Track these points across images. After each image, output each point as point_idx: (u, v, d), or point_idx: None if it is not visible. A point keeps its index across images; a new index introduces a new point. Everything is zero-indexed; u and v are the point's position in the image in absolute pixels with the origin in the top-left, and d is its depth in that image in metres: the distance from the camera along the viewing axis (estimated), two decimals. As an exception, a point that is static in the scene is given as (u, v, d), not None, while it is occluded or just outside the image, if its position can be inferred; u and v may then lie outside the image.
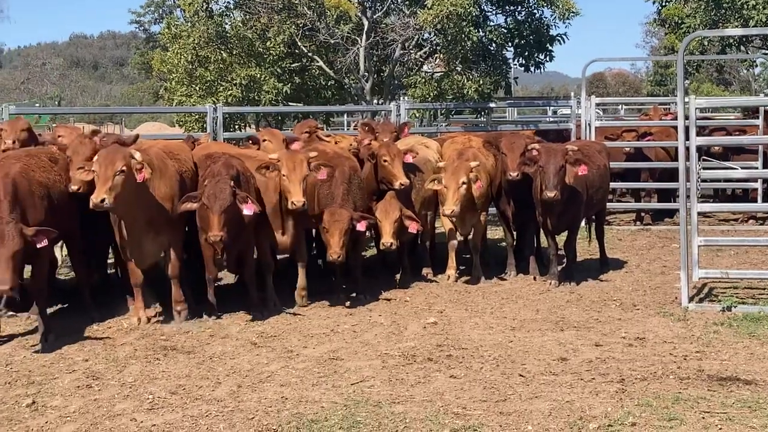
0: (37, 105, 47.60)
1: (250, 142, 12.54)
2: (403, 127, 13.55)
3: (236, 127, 18.36)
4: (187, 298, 10.16)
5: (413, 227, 11.22)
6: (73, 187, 9.81)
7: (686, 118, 10.50)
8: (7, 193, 8.86)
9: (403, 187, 11.40)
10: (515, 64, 18.54)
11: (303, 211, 10.38)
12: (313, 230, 11.62)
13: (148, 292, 10.33)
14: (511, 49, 18.05)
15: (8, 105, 14.96)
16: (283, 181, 10.20)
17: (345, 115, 25.19)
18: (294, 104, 18.80)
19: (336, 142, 12.91)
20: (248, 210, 9.69)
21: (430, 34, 17.86)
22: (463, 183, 11.19)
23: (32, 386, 7.79)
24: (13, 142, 10.57)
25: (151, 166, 9.56)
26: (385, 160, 11.54)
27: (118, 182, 9.06)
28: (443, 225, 12.32)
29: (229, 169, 9.83)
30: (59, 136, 11.14)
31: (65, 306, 10.60)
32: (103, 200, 8.93)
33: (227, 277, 11.62)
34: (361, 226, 10.68)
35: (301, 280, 10.82)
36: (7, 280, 8.41)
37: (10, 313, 10.20)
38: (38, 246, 8.78)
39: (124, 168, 9.10)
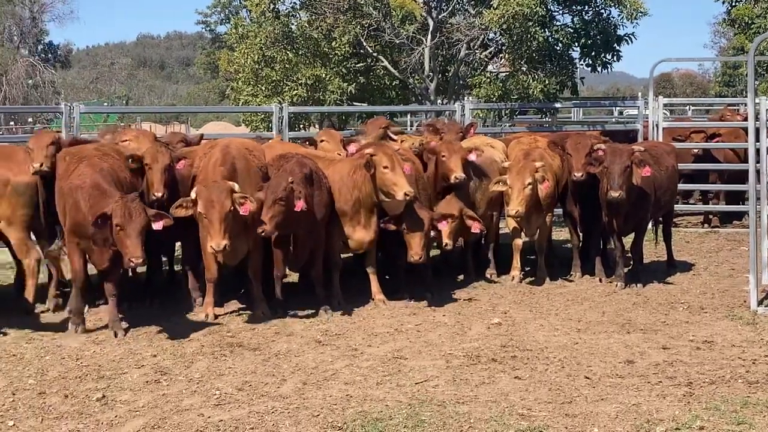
0: (106, 104, 48.49)
1: (307, 143, 12.60)
2: (469, 128, 13.51)
3: (301, 126, 18.48)
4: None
5: (476, 227, 11.16)
6: (157, 194, 10.00)
7: (756, 119, 10.35)
8: (110, 183, 9.35)
9: (458, 180, 11.30)
10: (581, 64, 18.38)
11: (379, 211, 10.49)
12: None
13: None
14: (578, 49, 17.90)
15: (78, 104, 15.19)
16: (384, 175, 10.24)
17: (408, 115, 25.23)
18: (358, 104, 18.86)
19: (401, 142, 12.89)
20: (297, 207, 9.72)
21: (495, 34, 17.81)
22: (529, 184, 11.13)
23: (102, 381, 7.90)
24: (41, 165, 10.07)
25: (235, 166, 9.91)
26: (443, 156, 11.50)
27: (229, 222, 9.32)
28: (508, 226, 12.26)
29: (302, 168, 9.94)
30: (125, 140, 11.05)
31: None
32: (225, 247, 9.22)
33: (291, 275, 11.67)
34: (442, 226, 10.68)
35: (375, 285, 10.88)
36: (138, 254, 8.78)
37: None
38: (155, 227, 9.07)
39: (232, 207, 9.33)
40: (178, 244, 11.65)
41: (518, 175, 11.15)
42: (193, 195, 9.45)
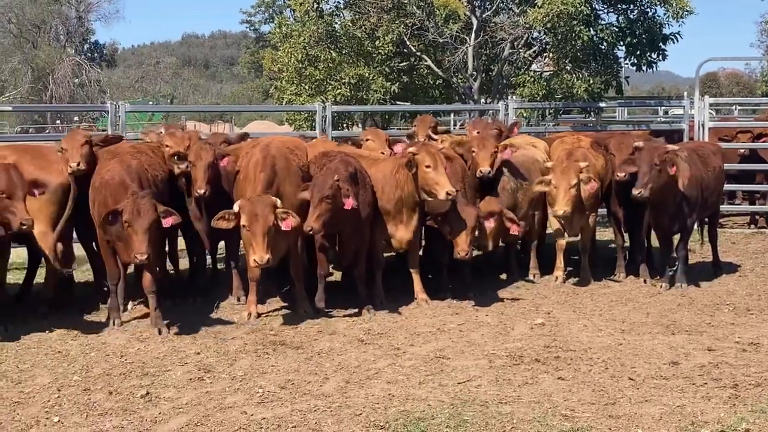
0: (151, 103, 48.85)
1: (350, 143, 12.61)
2: (513, 128, 13.45)
3: (344, 125, 18.51)
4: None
5: (514, 229, 11.07)
6: (199, 191, 10.12)
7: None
8: (133, 179, 9.56)
9: (482, 174, 11.34)
10: (626, 63, 18.23)
11: (422, 210, 10.55)
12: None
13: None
14: (623, 47, 17.76)
15: (124, 103, 15.31)
16: (427, 174, 10.15)
17: (452, 115, 25.20)
18: (401, 103, 18.85)
19: (441, 141, 12.83)
20: (347, 205, 9.75)
21: (539, 32, 17.71)
22: (575, 183, 11.06)
23: (146, 377, 7.97)
24: (78, 164, 10.12)
25: (275, 168, 9.97)
26: (473, 150, 11.51)
27: (272, 236, 9.32)
28: (551, 226, 12.20)
29: (347, 166, 9.95)
30: (167, 146, 10.97)
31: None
32: (268, 261, 9.24)
33: (334, 274, 11.69)
34: (489, 224, 10.64)
35: (417, 285, 10.87)
36: (143, 250, 8.93)
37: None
38: (164, 225, 9.28)
39: (275, 222, 9.36)
40: (221, 242, 11.71)
41: (564, 175, 11.09)
42: (235, 208, 9.49)
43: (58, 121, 46.59)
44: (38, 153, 10.52)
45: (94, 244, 10.87)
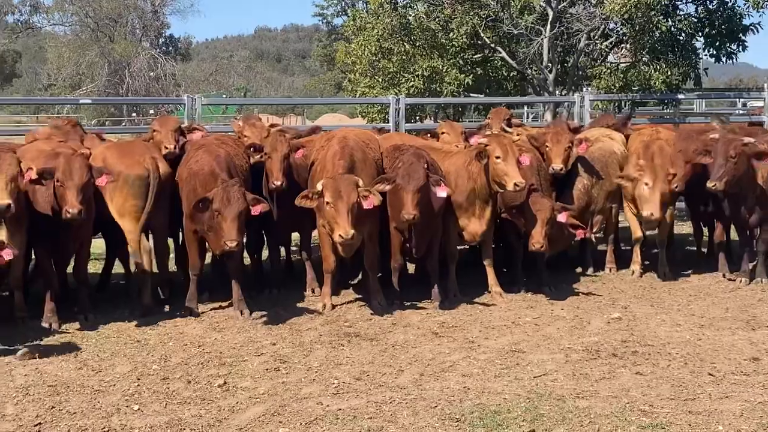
0: (225, 96, 49.34)
1: (429, 135, 12.58)
2: (626, 121, 13.45)
3: (417, 118, 18.48)
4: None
5: (580, 234, 10.95)
6: (276, 183, 10.16)
7: None
8: (222, 169, 9.69)
9: (554, 171, 11.31)
10: (705, 55, 17.93)
11: (495, 202, 10.50)
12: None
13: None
14: (701, 38, 17.48)
15: (200, 96, 15.48)
16: (496, 165, 10.09)
17: (525, 107, 25.04)
18: (475, 95, 18.75)
19: (517, 135, 12.74)
20: (442, 192, 9.75)
21: (616, 23, 17.49)
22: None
23: (223, 367, 8.04)
24: (174, 147, 10.51)
25: (354, 158, 10.03)
26: (546, 146, 11.46)
27: (355, 214, 9.32)
28: (627, 220, 12.05)
29: (419, 158, 9.93)
30: (245, 137, 11.15)
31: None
32: (353, 236, 9.21)
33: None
34: (562, 218, 10.52)
35: (491, 277, 10.80)
36: (233, 236, 9.07)
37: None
38: (252, 213, 9.36)
39: (358, 199, 9.37)
40: (295, 234, 11.78)
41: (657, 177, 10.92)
42: (318, 187, 9.50)
43: (134, 114, 47.33)
44: (120, 150, 10.57)
45: (181, 234, 10.96)
